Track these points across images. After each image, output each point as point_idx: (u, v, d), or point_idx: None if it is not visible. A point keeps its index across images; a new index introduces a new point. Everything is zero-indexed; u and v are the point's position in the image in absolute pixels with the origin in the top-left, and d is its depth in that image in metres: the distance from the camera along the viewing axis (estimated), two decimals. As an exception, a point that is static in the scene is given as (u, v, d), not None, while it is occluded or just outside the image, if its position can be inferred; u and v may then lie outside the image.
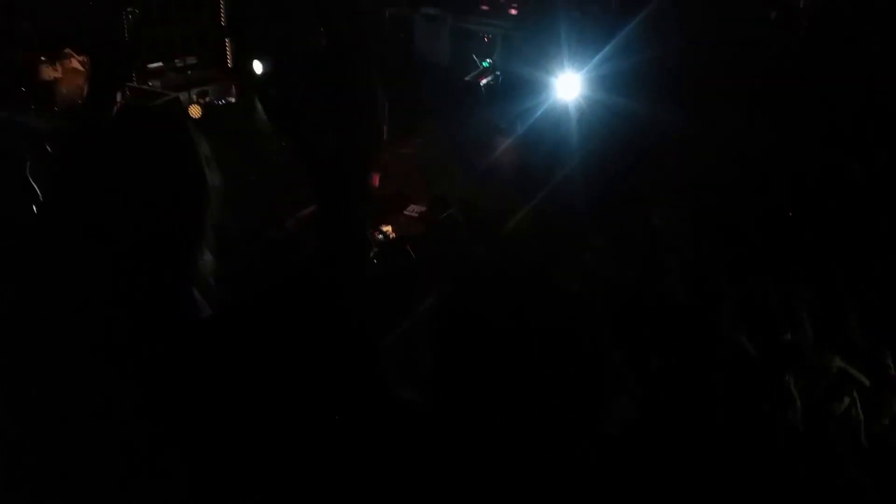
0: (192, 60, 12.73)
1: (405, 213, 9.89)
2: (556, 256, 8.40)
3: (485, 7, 12.64)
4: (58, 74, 11.08)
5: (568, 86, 11.02)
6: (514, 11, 12.50)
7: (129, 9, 12.52)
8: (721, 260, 8.14)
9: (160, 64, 12.98)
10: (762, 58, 11.45)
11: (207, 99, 12.52)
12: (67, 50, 11.33)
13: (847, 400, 6.17)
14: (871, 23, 10.86)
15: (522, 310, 7.01)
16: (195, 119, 11.95)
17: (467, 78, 11.48)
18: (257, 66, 13.20)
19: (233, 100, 12.87)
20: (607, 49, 11.29)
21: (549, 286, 7.72)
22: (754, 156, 10.07)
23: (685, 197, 9.54)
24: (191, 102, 12.11)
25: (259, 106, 12.46)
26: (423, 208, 9.93)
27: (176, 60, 12.61)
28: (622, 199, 9.64)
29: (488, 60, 12.11)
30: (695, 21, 11.43)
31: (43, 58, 10.94)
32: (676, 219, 8.99)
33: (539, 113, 10.87)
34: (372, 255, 8.70)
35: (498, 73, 10.94)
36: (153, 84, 12.75)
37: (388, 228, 9.33)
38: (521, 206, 9.75)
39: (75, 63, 11.21)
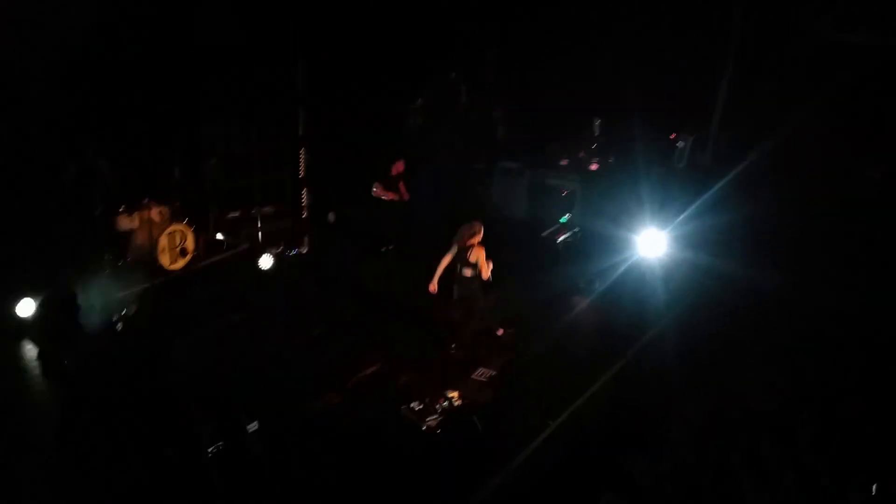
0: (268, 210, 12.82)
1: (473, 377, 9.13)
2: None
3: (564, 162, 12.38)
4: (134, 225, 11.51)
5: (651, 243, 10.41)
6: (594, 167, 12.18)
7: (211, 160, 12.85)
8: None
9: (237, 214, 13.39)
10: (863, 222, 10.78)
11: (280, 249, 12.42)
12: (147, 200, 11.72)
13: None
14: None
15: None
16: (264, 270, 12.04)
17: (544, 234, 11.02)
18: (331, 216, 13.27)
19: (305, 250, 12.77)
20: (694, 206, 10.80)
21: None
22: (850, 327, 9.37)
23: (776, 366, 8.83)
24: (262, 254, 12.04)
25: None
26: (494, 372, 9.16)
27: (253, 210, 12.76)
28: (712, 365, 8.94)
29: (567, 216, 11.69)
30: (789, 181, 10.87)
31: (122, 208, 11.40)
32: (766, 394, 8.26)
33: (620, 271, 10.22)
34: (436, 424, 7.98)
35: (577, 229, 10.44)
36: (228, 234, 12.98)
37: (454, 394, 8.59)
38: (602, 371, 9.12)
39: (153, 213, 11.75)
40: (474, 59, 12.99)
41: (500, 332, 9.79)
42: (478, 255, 9.19)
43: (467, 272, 9.26)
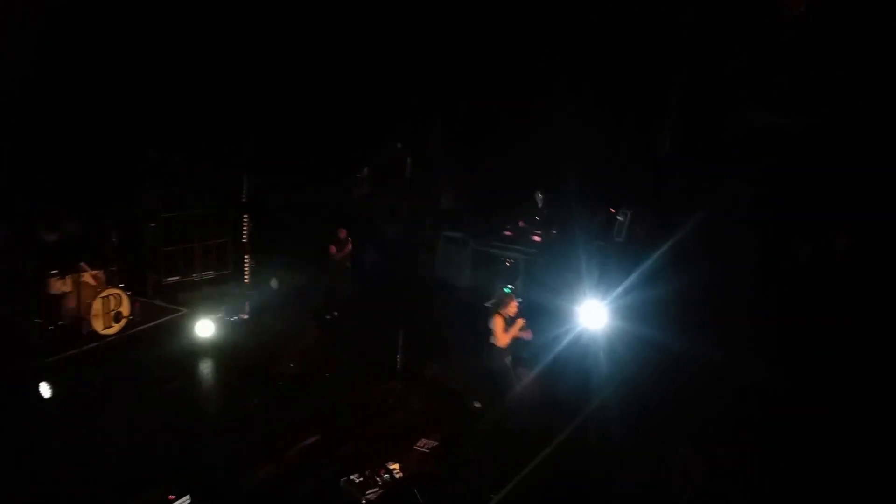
0: (208, 275, 12.82)
1: (416, 447, 9.01)
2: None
3: (508, 233, 12.56)
4: (67, 288, 11.27)
5: (593, 315, 10.54)
6: (537, 238, 12.37)
7: (151, 225, 12.65)
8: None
9: (177, 278, 13.16)
10: (793, 295, 11.14)
11: (219, 315, 12.00)
12: (82, 264, 11.47)
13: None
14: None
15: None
16: (202, 336, 11.73)
17: (487, 304, 11.06)
18: (274, 283, 13.14)
19: (246, 316, 12.56)
20: (633, 278, 11.02)
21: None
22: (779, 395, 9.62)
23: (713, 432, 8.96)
24: (201, 319, 11.81)
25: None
26: (436, 443, 9.06)
27: (193, 275, 12.68)
28: (653, 429, 9.03)
29: (510, 286, 11.79)
30: (723, 254, 11.21)
31: (54, 271, 11.08)
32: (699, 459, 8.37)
33: (563, 343, 10.28)
34: (376, 497, 7.82)
35: (520, 300, 10.49)
36: (166, 299, 12.67)
37: (395, 466, 8.44)
38: (545, 443, 9.12)
39: (87, 277, 11.52)
40: (421, 131, 13.22)
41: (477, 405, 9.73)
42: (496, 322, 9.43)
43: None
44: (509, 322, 9.51)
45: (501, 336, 9.42)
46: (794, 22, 11.92)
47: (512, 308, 9.55)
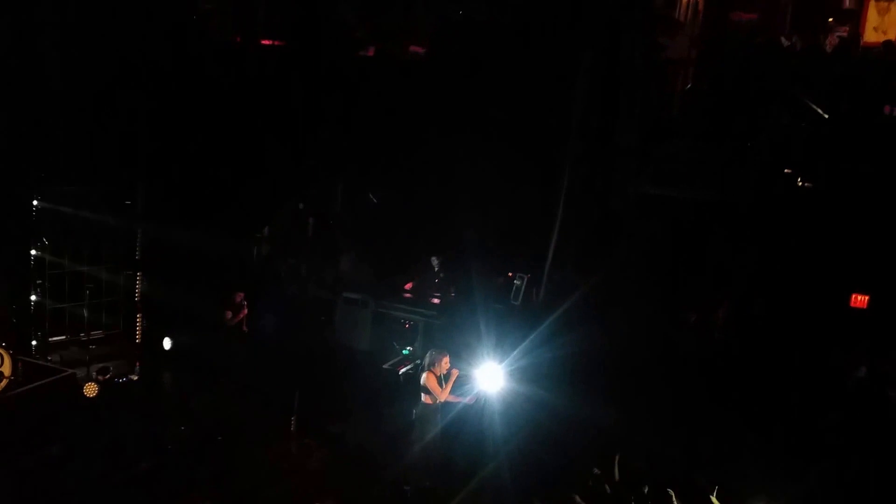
0: (97, 335, 12.31)
1: (311, 514, 8.89)
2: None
3: (407, 294, 12.71)
4: None
5: (490, 377, 10.72)
6: (436, 301, 12.54)
7: (39, 281, 12.20)
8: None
9: (64, 337, 12.72)
10: (680, 359, 11.64)
11: (108, 376, 11.62)
12: None
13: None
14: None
15: None
16: (89, 398, 11.28)
17: (386, 365, 11.12)
18: (167, 343, 12.81)
19: (135, 377, 12.11)
20: (529, 342, 11.30)
21: None
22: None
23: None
24: (88, 380, 11.34)
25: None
26: (332, 508, 8.97)
27: (81, 334, 12.11)
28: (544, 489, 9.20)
29: (409, 348, 11.90)
30: (616, 318, 11.63)
31: None
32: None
33: (460, 405, 10.40)
34: None
35: (419, 361, 10.62)
36: (52, 358, 12.21)
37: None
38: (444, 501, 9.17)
39: None
40: (322, 192, 13.33)
41: None
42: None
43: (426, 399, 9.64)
44: (443, 379, 9.69)
45: (440, 392, 9.61)
46: (681, 98, 12.76)
47: (444, 365, 9.73)
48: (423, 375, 9.69)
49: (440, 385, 9.69)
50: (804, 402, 10.44)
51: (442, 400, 9.73)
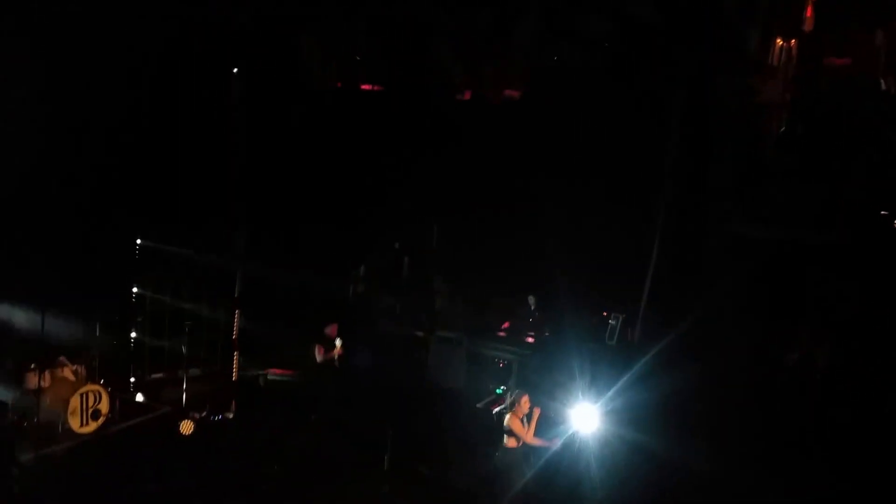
0: (195, 372, 12.37)
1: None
2: None
3: (502, 333, 12.73)
4: (45, 384, 10.75)
5: (585, 417, 10.56)
6: (530, 340, 12.52)
7: (139, 319, 12.53)
8: None
9: (161, 375, 12.90)
10: (778, 404, 11.33)
11: (204, 414, 11.77)
12: (62, 358, 11.25)
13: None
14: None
15: None
16: (185, 435, 11.41)
17: (479, 405, 11.07)
18: (262, 381, 12.96)
19: (231, 415, 12.18)
20: (623, 382, 11.14)
21: None
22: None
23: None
24: (184, 418, 11.33)
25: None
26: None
27: (179, 372, 12.23)
28: None
29: (502, 388, 11.82)
30: (712, 359, 11.41)
31: (32, 365, 10.66)
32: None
33: (549, 449, 10.24)
34: None
35: (512, 400, 10.51)
36: (149, 396, 12.38)
37: None
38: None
39: (67, 372, 11.25)
40: (418, 231, 13.57)
41: None
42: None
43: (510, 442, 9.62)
44: (526, 419, 9.61)
45: (524, 432, 9.56)
46: (777, 139, 12.72)
47: (525, 404, 9.65)
48: (507, 417, 9.64)
49: (524, 425, 9.60)
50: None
51: (528, 441, 9.62)
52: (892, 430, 10.39)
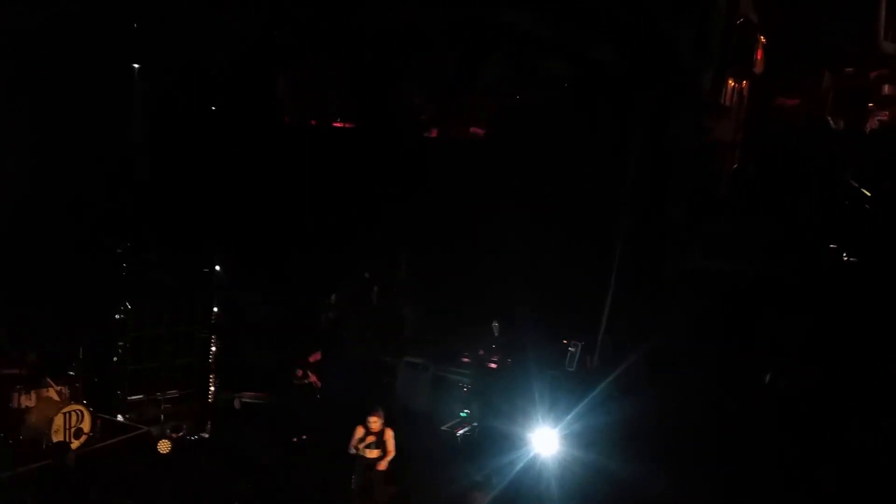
0: (172, 394, 12.71)
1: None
2: None
3: (465, 359, 13.16)
4: (31, 403, 11.24)
5: (545, 441, 10.99)
6: (493, 365, 12.95)
7: (121, 343, 12.90)
8: None
9: (141, 396, 13.11)
10: (733, 426, 11.77)
11: (181, 433, 12.27)
12: (47, 379, 11.50)
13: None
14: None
15: None
16: (163, 454, 11.82)
17: (444, 427, 11.47)
18: (237, 403, 13.37)
19: (206, 435, 12.63)
20: (582, 406, 11.58)
21: None
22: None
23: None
24: (162, 437, 11.82)
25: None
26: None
27: (157, 393, 12.57)
28: None
29: (466, 411, 12.23)
30: (668, 385, 11.89)
31: (19, 385, 11.14)
32: None
33: (517, 469, 10.66)
34: None
35: (475, 424, 10.97)
36: (129, 416, 12.82)
37: None
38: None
39: (51, 392, 11.50)
40: (387, 262, 14.05)
41: None
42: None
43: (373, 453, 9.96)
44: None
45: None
46: (729, 178, 13.33)
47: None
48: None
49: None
50: (859, 472, 10.49)
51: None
52: (844, 450, 10.85)
